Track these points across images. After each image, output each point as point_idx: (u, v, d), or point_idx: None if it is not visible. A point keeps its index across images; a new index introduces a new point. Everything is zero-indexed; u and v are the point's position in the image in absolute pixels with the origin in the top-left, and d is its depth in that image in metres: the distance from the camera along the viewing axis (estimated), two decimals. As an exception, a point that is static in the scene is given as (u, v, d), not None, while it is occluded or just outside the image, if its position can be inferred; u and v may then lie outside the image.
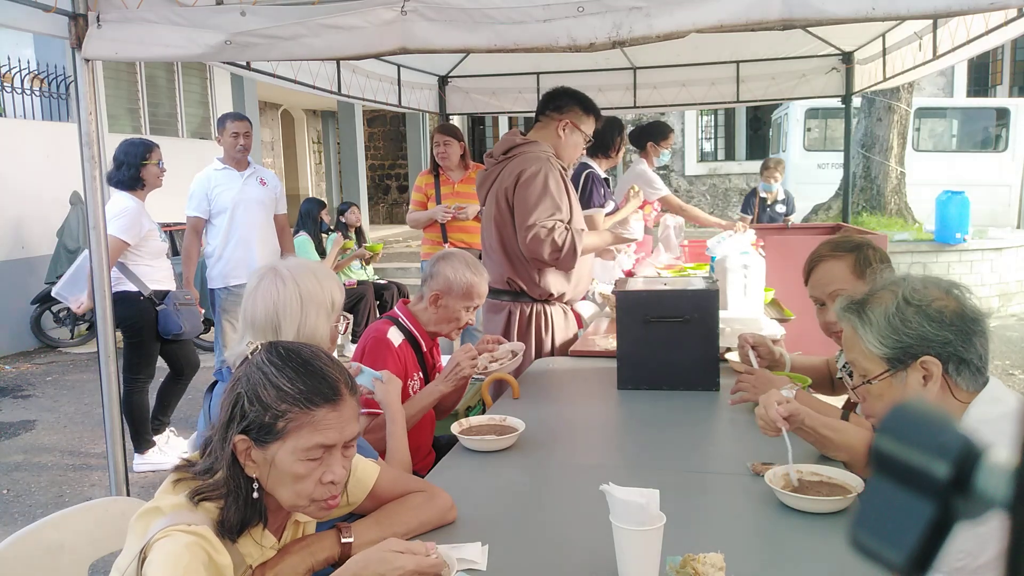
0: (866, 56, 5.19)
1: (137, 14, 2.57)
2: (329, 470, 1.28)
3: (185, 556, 1.17)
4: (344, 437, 1.30)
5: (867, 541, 0.49)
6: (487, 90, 6.03)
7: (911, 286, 1.47)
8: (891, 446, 0.49)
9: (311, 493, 1.29)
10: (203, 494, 1.27)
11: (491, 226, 3.29)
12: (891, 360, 1.45)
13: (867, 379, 1.49)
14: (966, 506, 0.45)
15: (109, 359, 2.84)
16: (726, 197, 15.61)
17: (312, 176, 17.32)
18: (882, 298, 1.48)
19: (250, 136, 4.76)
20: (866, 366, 1.49)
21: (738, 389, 2.33)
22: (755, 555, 1.55)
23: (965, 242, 8.42)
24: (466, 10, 2.37)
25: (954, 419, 0.48)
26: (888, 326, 1.45)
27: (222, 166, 4.76)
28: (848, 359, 1.55)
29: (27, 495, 4.13)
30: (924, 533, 0.46)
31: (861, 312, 1.49)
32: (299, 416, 1.25)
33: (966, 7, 2.18)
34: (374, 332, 2.50)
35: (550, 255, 3.08)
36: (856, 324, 1.49)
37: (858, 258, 2.19)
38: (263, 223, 4.79)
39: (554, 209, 3.07)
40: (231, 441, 1.27)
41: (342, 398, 1.30)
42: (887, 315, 1.45)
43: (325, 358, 1.34)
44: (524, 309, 3.27)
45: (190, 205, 4.73)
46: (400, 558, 1.23)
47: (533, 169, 3.10)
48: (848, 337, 1.53)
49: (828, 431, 1.82)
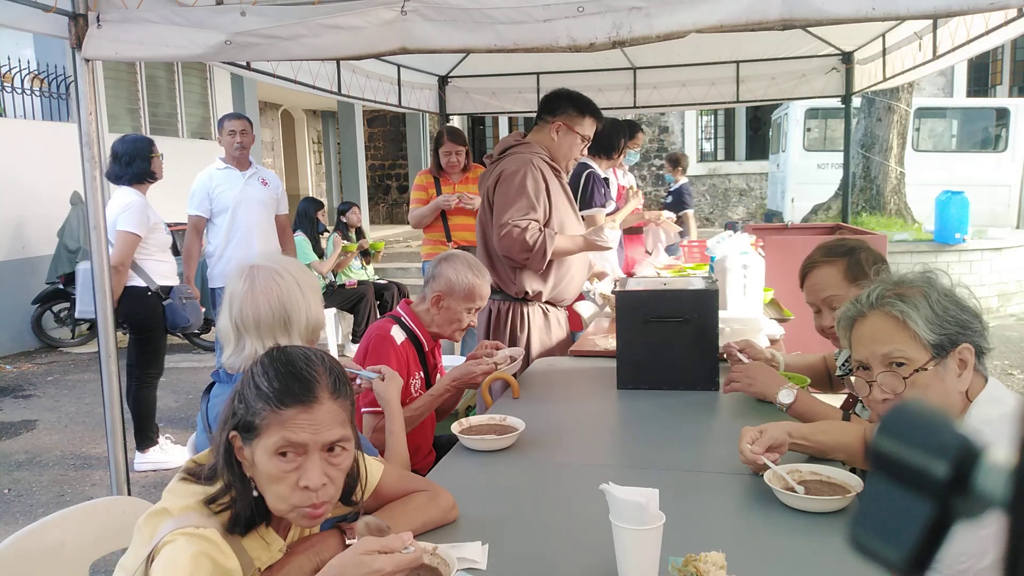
0: (866, 56, 5.19)
1: (137, 14, 2.58)
2: (305, 475, 1.26)
3: (189, 567, 1.17)
4: (318, 440, 1.27)
5: (866, 540, 0.49)
6: (487, 90, 6.03)
7: (936, 278, 1.53)
8: (890, 446, 0.49)
9: (289, 498, 1.26)
10: (211, 495, 1.28)
11: (478, 224, 3.36)
12: (936, 347, 1.47)
13: (917, 367, 1.48)
14: (965, 506, 0.46)
15: (110, 358, 2.84)
16: (726, 197, 15.62)
17: (312, 176, 17.33)
18: (916, 290, 1.51)
19: (248, 135, 4.75)
20: (912, 355, 1.49)
21: (732, 379, 2.33)
22: (755, 555, 1.55)
23: (964, 242, 8.42)
24: (466, 10, 2.37)
25: (954, 418, 0.48)
26: (934, 314, 1.48)
27: (224, 165, 4.77)
28: (885, 352, 1.52)
29: (28, 495, 4.13)
30: (923, 533, 0.46)
31: (905, 301, 1.50)
32: (270, 415, 1.25)
33: (966, 7, 2.18)
34: (377, 330, 2.51)
35: (519, 254, 3.10)
36: (904, 312, 1.49)
37: (850, 263, 2.20)
38: (264, 223, 4.80)
39: (528, 208, 3.08)
40: (227, 438, 1.29)
41: (316, 401, 1.27)
42: (931, 304, 1.49)
43: (316, 362, 1.32)
44: (501, 307, 3.30)
45: (191, 204, 4.74)
46: (377, 560, 1.20)
47: (512, 168, 3.12)
48: (887, 329, 1.52)
49: (819, 436, 1.82)
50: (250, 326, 1.75)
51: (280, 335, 1.73)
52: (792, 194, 11.78)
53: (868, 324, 1.55)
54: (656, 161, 15.49)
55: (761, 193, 15.21)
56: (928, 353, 1.48)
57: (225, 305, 1.79)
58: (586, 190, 4.54)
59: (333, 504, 1.34)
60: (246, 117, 4.88)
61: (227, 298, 1.79)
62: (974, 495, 0.45)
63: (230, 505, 1.28)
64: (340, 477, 1.32)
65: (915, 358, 1.49)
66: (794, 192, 11.76)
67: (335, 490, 1.31)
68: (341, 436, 1.30)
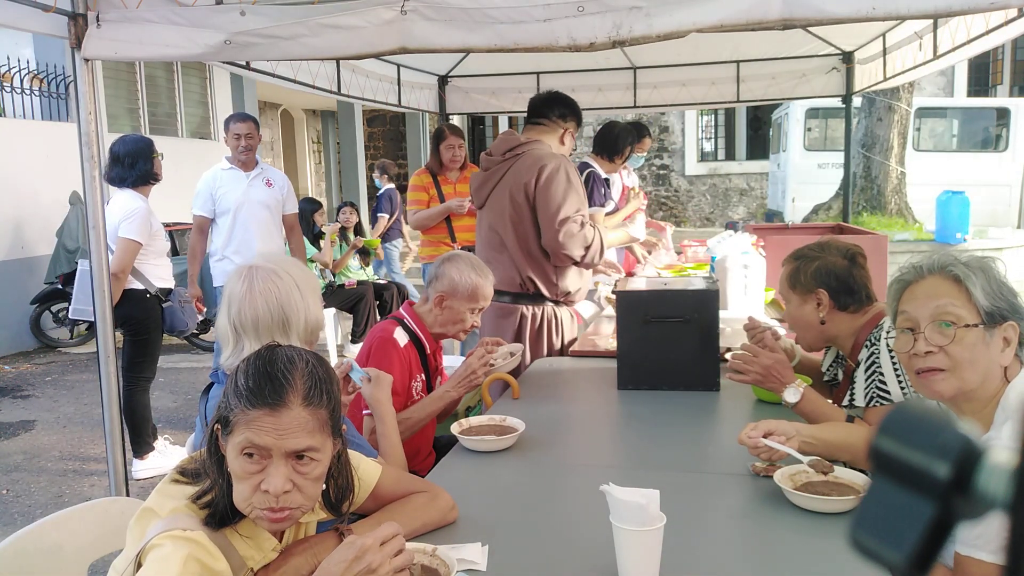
0: (866, 56, 5.19)
1: (137, 14, 2.57)
2: (267, 479, 1.24)
3: (177, 570, 1.16)
4: (282, 446, 1.24)
5: (867, 541, 0.49)
6: (487, 90, 6.03)
7: (995, 263, 1.58)
8: (892, 446, 0.49)
9: (250, 498, 1.25)
10: (198, 491, 1.28)
11: (504, 224, 3.20)
12: (988, 315, 1.49)
13: (967, 324, 1.50)
14: (966, 506, 0.45)
15: (109, 359, 2.83)
16: (726, 197, 15.61)
17: (312, 176, 17.33)
18: (976, 265, 1.55)
19: (253, 136, 4.73)
20: (962, 314, 1.50)
21: (742, 369, 2.21)
22: (755, 555, 1.55)
23: (965, 242, 8.43)
24: (466, 10, 2.37)
25: (955, 419, 0.48)
26: (990, 286, 1.51)
27: (228, 166, 4.75)
28: (938, 304, 1.52)
29: (26, 495, 4.13)
30: (924, 533, 0.46)
31: (968, 266, 1.54)
32: (240, 414, 1.25)
33: (966, 7, 2.18)
34: (380, 332, 2.50)
35: (578, 250, 3.08)
36: (965, 275, 1.52)
37: (792, 270, 2.27)
38: (266, 224, 4.76)
39: (580, 204, 3.08)
40: (213, 428, 1.29)
41: (284, 406, 1.24)
42: (988, 278, 1.52)
43: (297, 366, 1.29)
44: (536, 312, 3.24)
45: (196, 204, 4.72)
46: (356, 567, 1.19)
47: (554, 164, 3.09)
48: (944, 288, 1.53)
49: (826, 435, 1.82)
50: (248, 327, 1.73)
51: (278, 336, 1.71)
52: (793, 194, 11.78)
53: (925, 284, 1.56)
54: (656, 161, 15.50)
55: (762, 193, 15.20)
56: (979, 318, 1.49)
57: (224, 306, 1.78)
58: (586, 189, 4.54)
59: (304, 511, 1.31)
60: (252, 118, 4.84)
61: (226, 299, 1.78)
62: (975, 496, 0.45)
63: (213, 501, 1.27)
64: (310, 486, 1.28)
65: (965, 317, 1.50)
66: (795, 192, 11.76)
67: (304, 498, 1.28)
68: (309, 446, 1.26)
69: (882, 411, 1.99)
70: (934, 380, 1.51)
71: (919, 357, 1.52)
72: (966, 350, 1.48)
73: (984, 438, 0.47)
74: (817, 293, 2.19)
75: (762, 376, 2.18)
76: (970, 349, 1.48)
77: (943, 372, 1.50)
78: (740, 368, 2.23)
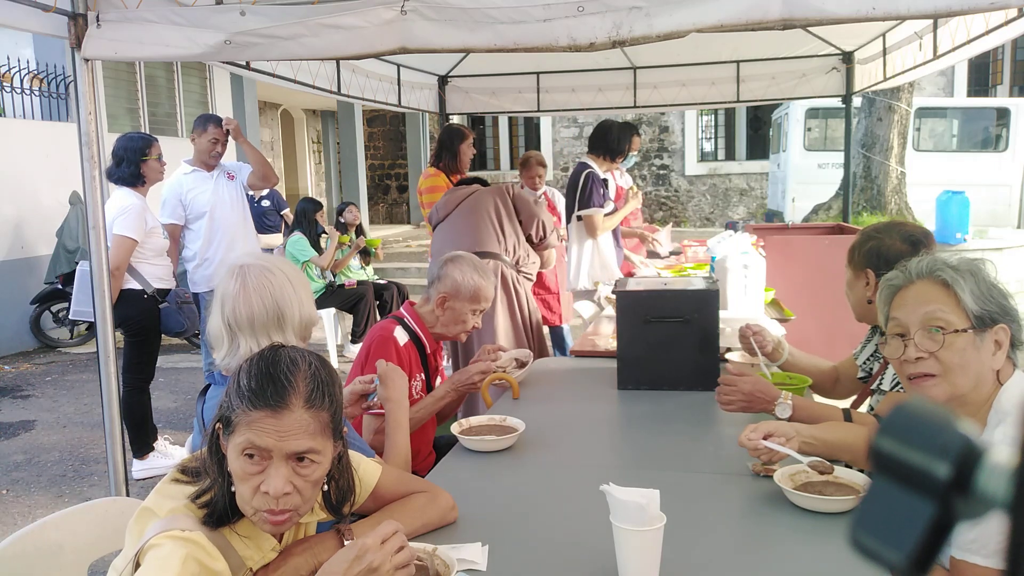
0: (866, 56, 5.19)
1: (137, 14, 2.58)
2: (267, 480, 1.24)
3: (176, 570, 1.16)
4: (283, 448, 1.24)
5: (867, 541, 0.49)
6: (487, 90, 6.03)
7: (983, 264, 1.58)
8: (892, 446, 0.48)
9: (251, 500, 1.25)
10: (197, 491, 1.28)
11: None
12: (977, 319, 1.49)
13: (957, 329, 1.50)
14: (966, 506, 0.45)
15: (109, 359, 2.83)
16: (726, 197, 15.61)
17: (312, 176, 17.33)
18: (965, 268, 1.55)
19: (226, 145, 4.66)
20: (952, 319, 1.50)
21: (726, 403, 2.17)
22: (755, 555, 1.55)
23: (965, 242, 8.41)
24: (466, 10, 2.37)
25: (955, 419, 0.48)
26: (979, 289, 1.51)
27: (191, 169, 4.63)
28: (927, 310, 1.52)
29: (26, 495, 4.13)
30: (924, 533, 0.46)
31: (956, 271, 1.53)
32: (242, 414, 1.25)
33: (966, 7, 2.18)
34: (380, 331, 2.51)
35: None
36: (954, 279, 1.52)
37: (853, 245, 2.30)
38: (241, 221, 4.71)
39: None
40: (214, 427, 1.29)
41: (286, 407, 1.24)
42: (977, 281, 1.52)
43: (300, 368, 1.29)
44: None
45: (163, 213, 4.59)
46: (358, 567, 1.19)
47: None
48: (932, 293, 1.53)
49: (826, 435, 1.82)
50: (244, 325, 1.72)
51: (274, 332, 1.71)
52: (793, 194, 11.77)
53: (914, 289, 1.56)
54: (656, 161, 15.49)
55: (762, 193, 15.20)
56: (968, 322, 1.49)
57: (216, 306, 1.76)
58: (584, 190, 4.54)
59: (303, 513, 1.31)
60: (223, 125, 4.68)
61: (218, 299, 1.76)
62: (976, 496, 0.45)
63: (212, 500, 1.27)
64: (309, 488, 1.28)
65: (955, 322, 1.50)
66: (795, 192, 11.75)
67: (302, 500, 1.28)
68: (310, 448, 1.25)
69: (897, 397, 2.00)
70: (926, 386, 1.51)
71: (910, 363, 1.53)
72: (956, 355, 1.48)
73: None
74: (866, 273, 2.21)
75: (747, 402, 2.13)
76: (960, 354, 1.48)
77: (935, 378, 1.50)
78: (724, 401, 2.18)
